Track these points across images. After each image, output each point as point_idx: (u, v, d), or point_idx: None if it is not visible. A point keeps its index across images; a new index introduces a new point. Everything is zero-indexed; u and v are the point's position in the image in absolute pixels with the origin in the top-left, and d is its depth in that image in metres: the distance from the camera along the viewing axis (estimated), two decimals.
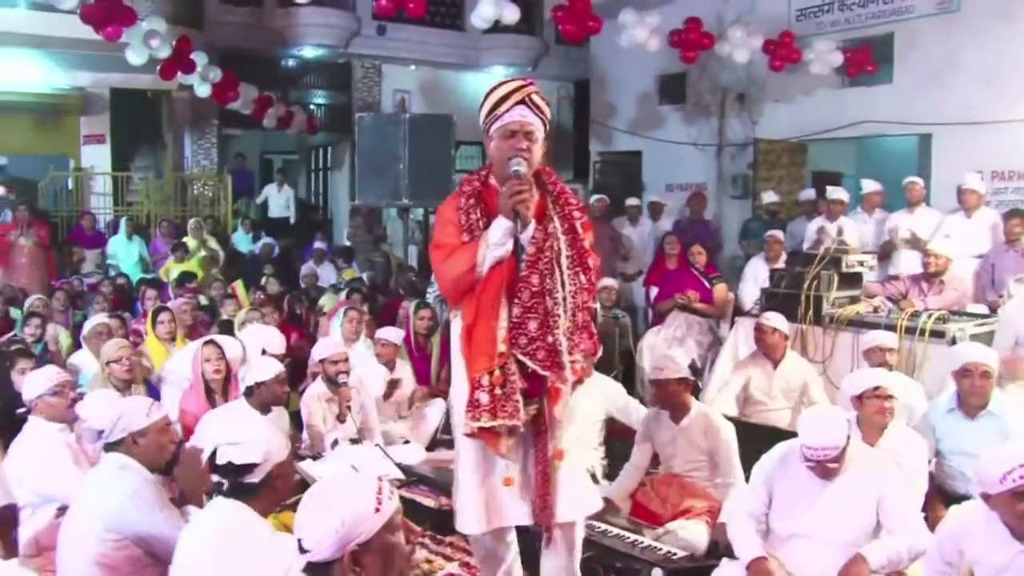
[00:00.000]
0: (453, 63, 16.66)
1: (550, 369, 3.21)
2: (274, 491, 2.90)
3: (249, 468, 2.82)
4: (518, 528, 3.49)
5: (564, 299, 3.24)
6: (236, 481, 2.80)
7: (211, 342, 5.75)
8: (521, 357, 3.19)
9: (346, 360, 5.79)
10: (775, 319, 6.06)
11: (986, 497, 3.18)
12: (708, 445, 4.84)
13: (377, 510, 2.16)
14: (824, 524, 3.70)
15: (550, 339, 3.20)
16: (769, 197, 10.96)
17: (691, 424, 4.89)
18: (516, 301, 3.20)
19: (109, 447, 3.53)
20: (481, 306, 3.25)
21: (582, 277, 3.30)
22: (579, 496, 3.39)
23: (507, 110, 3.27)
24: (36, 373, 4.53)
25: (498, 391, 3.18)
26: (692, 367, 7.44)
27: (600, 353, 3.50)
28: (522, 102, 3.26)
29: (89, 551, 3.25)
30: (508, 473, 3.32)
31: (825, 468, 3.67)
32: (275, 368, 5.11)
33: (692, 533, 4.42)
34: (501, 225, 3.21)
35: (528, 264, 3.21)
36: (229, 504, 2.78)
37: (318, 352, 5.92)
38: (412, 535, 4.37)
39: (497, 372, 3.19)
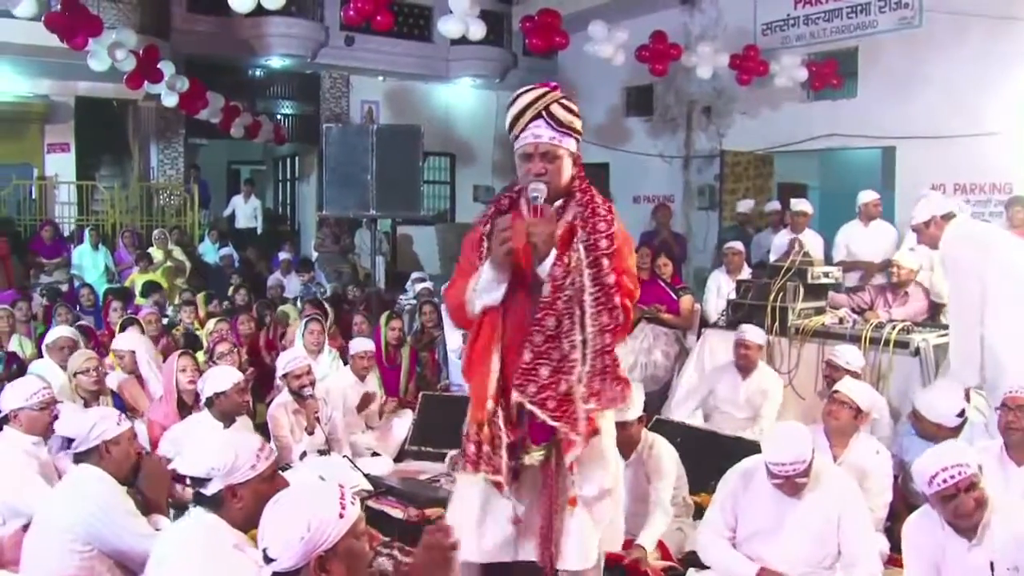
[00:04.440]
0: (421, 74, 16.66)
1: (561, 420, 2.94)
2: (239, 509, 2.76)
3: (203, 480, 2.76)
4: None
5: (584, 342, 2.92)
6: (197, 492, 2.78)
7: (186, 353, 5.68)
8: (530, 406, 2.95)
9: (308, 372, 5.73)
10: (758, 335, 6.13)
11: (926, 498, 3.28)
12: (648, 485, 4.54)
13: (341, 515, 2.17)
14: (791, 544, 3.68)
15: (563, 387, 2.93)
16: (744, 206, 11.13)
17: (637, 458, 4.58)
18: (528, 345, 2.95)
19: (79, 457, 3.48)
20: (474, 354, 3.07)
21: (605, 317, 2.93)
22: (580, 547, 3.10)
23: (523, 128, 3.04)
24: (19, 383, 4.32)
25: (485, 447, 3.02)
26: (658, 378, 7.55)
27: (629, 401, 3.06)
28: (539, 116, 3.03)
29: (55, 563, 3.21)
30: (517, 513, 3.10)
31: (794, 484, 3.64)
32: (233, 377, 4.98)
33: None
34: (487, 273, 2.98)
35: (543, 306, 2.93)
36: (199, 514, 2.75)
37: (281, 366, 5.83)
38: (375, 541, 4.34)
39: (486, 428, 3.01)
